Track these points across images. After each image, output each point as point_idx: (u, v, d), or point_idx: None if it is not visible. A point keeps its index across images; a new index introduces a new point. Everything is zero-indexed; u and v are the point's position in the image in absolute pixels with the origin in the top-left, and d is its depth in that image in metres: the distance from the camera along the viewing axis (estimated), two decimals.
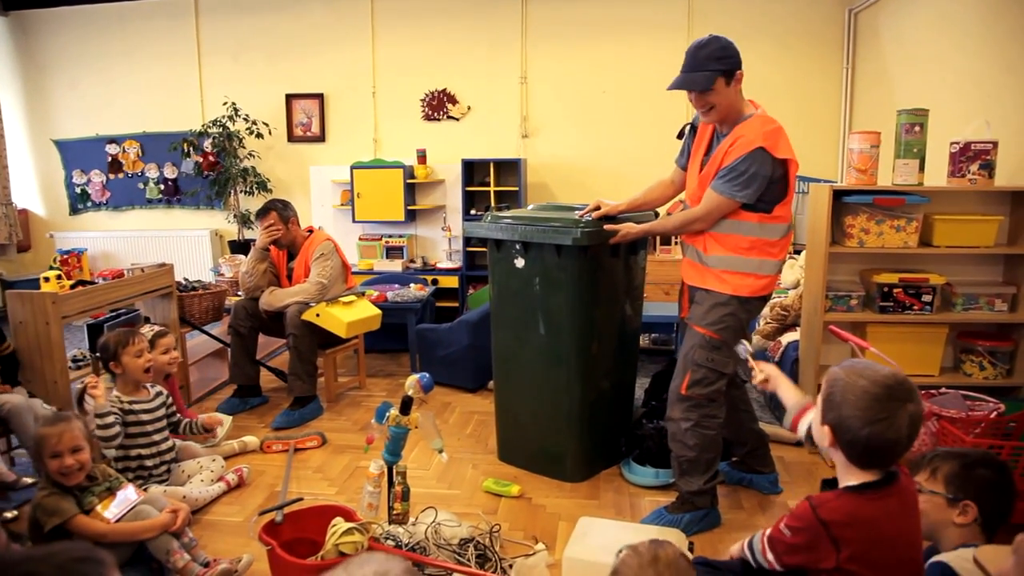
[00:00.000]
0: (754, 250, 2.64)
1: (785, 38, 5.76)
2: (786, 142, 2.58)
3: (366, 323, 4.16)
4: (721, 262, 2.68)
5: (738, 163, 2.54)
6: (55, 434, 2.30)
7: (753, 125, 2.58)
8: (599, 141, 6.17)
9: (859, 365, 1.57)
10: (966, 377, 3.38)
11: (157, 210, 7.01)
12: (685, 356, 2.74)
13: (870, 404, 1.49)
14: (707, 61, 2.56)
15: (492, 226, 3.22)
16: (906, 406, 1.49)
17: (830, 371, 1.61)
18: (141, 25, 6.67)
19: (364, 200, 6.14)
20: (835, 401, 1.54)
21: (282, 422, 3.89)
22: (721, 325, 2.66)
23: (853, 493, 1.54)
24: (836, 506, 1.52)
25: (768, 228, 2.63)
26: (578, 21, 6.04)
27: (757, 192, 2.55)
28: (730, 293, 2.66)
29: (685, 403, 2.72)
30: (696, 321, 2.72)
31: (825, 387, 1.60)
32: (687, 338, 2.78)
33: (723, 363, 2.68)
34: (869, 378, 1.51)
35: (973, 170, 3.16)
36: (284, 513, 2.36)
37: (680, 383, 2.72)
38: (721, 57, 2.56)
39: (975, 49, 3.84)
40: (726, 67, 2.55)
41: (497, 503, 3.04)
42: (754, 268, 2.65)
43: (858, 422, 1.49)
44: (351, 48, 6.39)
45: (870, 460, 1.53)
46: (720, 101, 2.59)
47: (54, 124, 7.00)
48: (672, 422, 2.77)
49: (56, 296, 3.30)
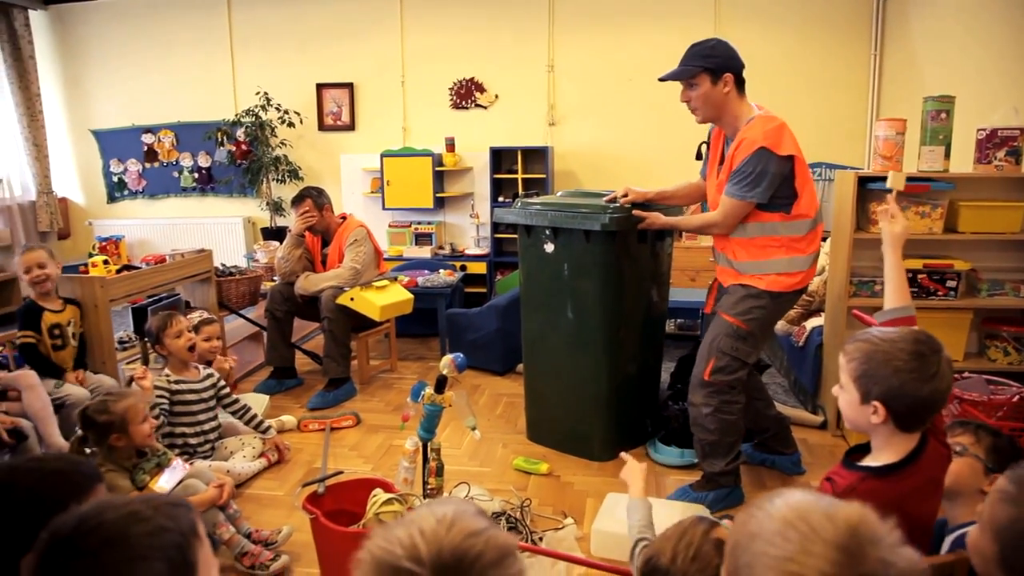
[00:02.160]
0: (782, 249, 2.71)
1: (813, 25, 5.76)
2: (790, 138, 2.64)
3: (399, 307, 4.27)
4: (753, 267, 2.76)
5: (743, 165, 2.62)
6: (137, 403, 2.46)
7: (755, 127, 2.65)
8: (625, 129, 6.22)
9: (875, 334, 1.56)
10: (991, 362, 3.41)
11: (191, 198, 7.17)
12: (710, 343, 2.81)
13: (920, 364, 1.46)
14: (695, 57, 2.70)
15: (522, 212, 3.31)
16: (942, 355, 1.49)
17: (853, 348, 1.56)
18: (175, 17, 6.82)
19: (394, 187, 6.25)
20: (879, 374, 1.49)
21: (318, 402, 4.02)
22: (750, 316, 2.73)
23: (878, 478, 1.52)
24: (861, 492, 1.48)
25: (791, 226, 2.69)
26: (604, 10, 6.08)
27: (768, 190, 2.62)
28: (763, 288, 2.73)
29: (707, 389, 2.79)
30: (726, 309, 2.79)
31: (855, 366, 1.54)
32: (713, 325, 2.85)
33: (747, 353, 2.75)
34: (903, 339, 1.50)
35: (1000, 156, 3.18)
36: (326, 485, 2.47)
37: (703, 369, 2.79)
38: (709, 56, 2.68)
39: (1002, 36, 3.84)
40: (712, 65, 2.66)
41: (527, 480, 3.14)
42: (784, 267, 2.72)
43: (914, 384, 1.46)
44: (380, 38, 6.49)
45: (921, 419, 1.51)
46: (699, 99, 2.71)
47: (92, 115, 7.18)
48: (693, 407, 2.85)
49: (104, 280, 3.45)
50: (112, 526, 0.88)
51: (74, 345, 3.37)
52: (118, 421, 2.43)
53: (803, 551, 0.74)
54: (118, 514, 0.89)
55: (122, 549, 0.87)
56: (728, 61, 2.68)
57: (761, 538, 0.78)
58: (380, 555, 0.79)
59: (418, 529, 0.80)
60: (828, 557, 0.73)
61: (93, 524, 0.88)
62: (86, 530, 0.88)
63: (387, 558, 0.78)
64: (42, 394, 3.00)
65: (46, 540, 0.88)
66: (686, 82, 2.73)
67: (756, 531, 0.79)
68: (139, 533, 0.88)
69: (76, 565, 0.86)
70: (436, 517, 0.82)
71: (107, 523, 0.88)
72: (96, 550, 0.87)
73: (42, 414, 2.94)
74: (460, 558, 0.78)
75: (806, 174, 2.69)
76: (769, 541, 0.77)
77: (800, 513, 0.78)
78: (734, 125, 2.74)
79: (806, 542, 0.75)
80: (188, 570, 0.91)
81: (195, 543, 0.93)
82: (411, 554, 0.78)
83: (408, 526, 0.81)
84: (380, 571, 0.78)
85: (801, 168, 2.66)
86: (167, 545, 0.89)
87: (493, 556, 0.80)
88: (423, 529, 0.80)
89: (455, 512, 0.83)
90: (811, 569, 0.73)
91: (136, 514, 0.89)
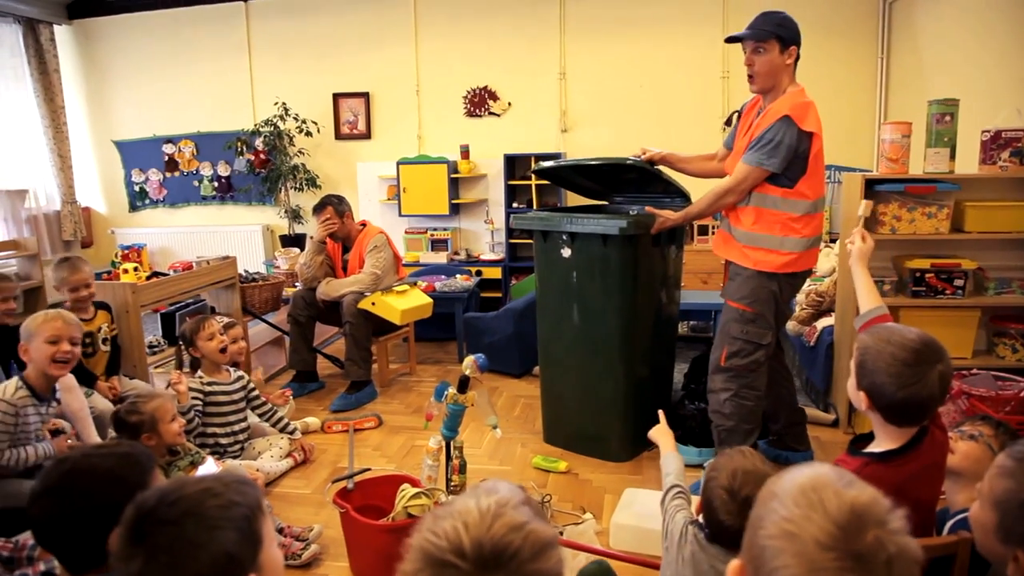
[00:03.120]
0: (776, 225, 2.77)
1: (821, 29, 5.84)
2: (815, 117, 2.71)
3: (419, 311, 4.38)
4: (745, 236, 2.83)
5: (766, 132, 2.69)
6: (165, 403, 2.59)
7: (785, 99, 2.73)
8: (637, 135, 6.30)
9: (885, 331, 1.66)
10: (999, 360, 3.48)
11: (211, 206, 7.32)
12: (722, 329, 2.91)
13: (901, 370, 1.56)
14: (768, 23, 2.75)
15: (539, 218, 3.41)
16: (935, 367, 1.57)
17: (860, 338, 1.70)
18: (195, 31, 6.98)
19: (410, 195, 6.37)
20: (868, 368, 1.62)
21: (340, 405, 4.13)
22: (752, 298, 2.81)
23: (880, 462, 1.62)
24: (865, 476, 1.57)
25: (791, 203, 2.75)
26: (615, 18, 6.18)
27: (784, 162, 2.67)
28: (752, 268, 2.81)
29: (724, 374, 2.88)
30: (730, 296, 2.89)
31: (857, 354, 1.68)
32: (723, 312, 2.94)
33: (759, 335, 2.83)
34: (897, 344, 1.60)
35: (1004, 157, 3.26)
36: (355, 482, 2.58)
37: (719, 355, 2.89)
38: (781, 24, 2.75)
39: (1006, 40, 3.92)
40: (784, 34, 2.73)
41: (546, 478, 3.24)
42: (776, 244, 2.78)
43: (891, 387, 1.57)
44: (395, 48, 6.62)
45: (906, 419, 1.61)
46: (764, 64, 2.75)
47: (114, 126, 7.36)
48: (712, 393, 2.94)
49: (136, 286, 3.58)
50: (190, 499, 1.01)
51: (104, 351, 3.47)
52: (148, 420, 2.55)
53: (805, 517, 0.82)
54: (195, 489, 1.02)
55: (199, 519, 0.99)
56: (797, 36, 2.76)
57: (778, 497, 0.86)
58: (427, 547, 0.85)
59: (463, 523, 0.85)
60: (824, 528, 0.81)
61: (174, 498, 1.00)
62: (168, 503, 1.00)
63: (433, 551, 0.84)
64: (80, 395, 3.11)
65: (133, 512, 1.00)
66: (755, 45, 2.75)
67: (777, 491, 0.88)
68: (214, 506, 1.00)
69: (160, 532, 0.98)
70: (480, 510, 0.87)
71: (186, 497, 1.00)
72: (177, 519, 0.99)
73: (80, 414, 3.06)
74: (501, 552, 0.83)
75: (820, 156, 2.75)
76: (782, 502, 0.85)
77: (816, 485, 0.86)
78: (776, 96, 2.79)
79: (810, 511, 0.83)
80: (255, 539, 1.03)
81: (260, 516, 1.05)
82: (455, 548, 0.83)
83: (455, 518, 0.86)
84: (426, 562, 0.84)
85: (817, 148, 2.72)
86: (237, 517, 1.01)
87: (533, 550, 0.85)
88: (467, 523, 0.85)
89: (499, 504, 0.88)
90: (807, 534, 0.81)
91: (210, 490, 1.02)
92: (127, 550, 0.98)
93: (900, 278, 3.55)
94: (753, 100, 2.96)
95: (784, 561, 0.81)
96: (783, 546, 0.82)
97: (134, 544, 0.98)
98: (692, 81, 5.96)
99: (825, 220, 5.82)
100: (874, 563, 0.79)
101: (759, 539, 0.85)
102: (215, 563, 0.97)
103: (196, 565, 0.97)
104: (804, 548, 0.80)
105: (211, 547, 0.98)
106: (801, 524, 0.82)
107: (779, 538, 0.82)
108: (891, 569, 0.79)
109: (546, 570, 0.86)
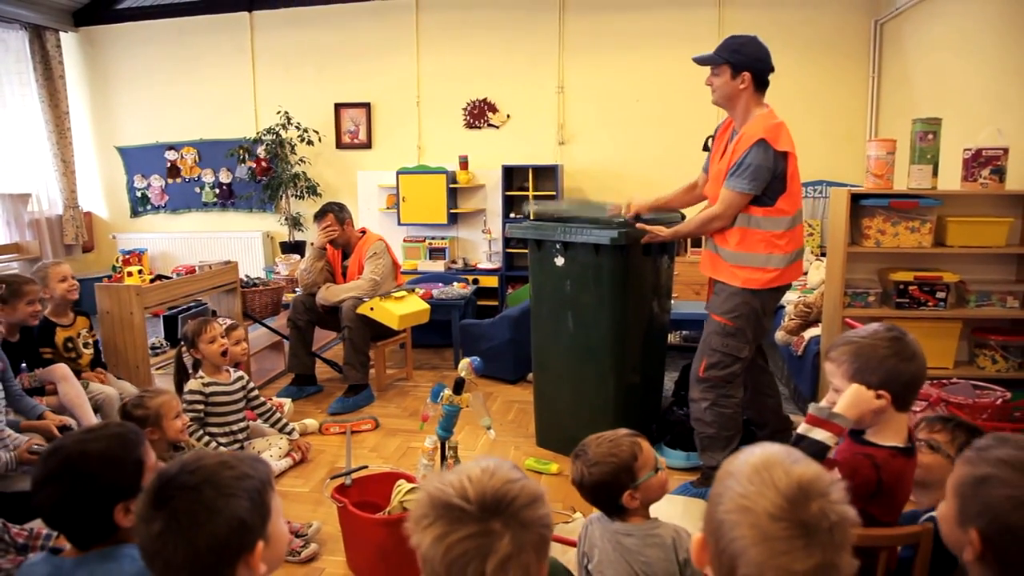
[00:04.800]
0: (761, 244, 2.88)
1: (813, 48, 5.98)
2: (787, 137, 2.83)
3: (416, 316, 4.47)
4: (733, 257, 2.94)
5: (745, 158, 2.80)
6: (171, 400, 2.67)
7: (757, 122, 2.84)
8: (633, 148, 6.44)
9: (853, 335, 1.77)
10: (980, 370, 3.58)
11: (212, 213, 7.42)
12: (703, 342, 3.03)
13: (901, 347, 1.69)
14: (724, 49, 2.90)
15: (534, 227, 3.51)
16: (910, 337, 1.71)
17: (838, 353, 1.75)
18: (199, 39, 7.10)
19: (409, 204, 6.48)
20: (873, 365, 1.68)
21: (338, 407, 4.21)
22: (735, 313, 2.93)
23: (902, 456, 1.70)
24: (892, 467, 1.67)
25: (772, 220, 2.86)
26: (613, 33, 6.32)
27: (763, 184, 2.80)
28: (740, 286, 2.92)
29: (703, 384, 3.00)
30: (714, 309, 3.01)
31: (849, 365, 1.72)
32: (706, 325, 3.06)
33: (737, 348, 2.94)
34: (877, 333, 1.72)
35: (984, 175, 3.37)
36: (352, 478, 2.66)
37: (698, 366, 3.01)
38: (736, 51, 2.88)
39: (990, 60, 4.04)
40: (735, 60, 2.86)
41: (538, 480, 3.31)
42: (762, 262, 2.89)
43: (904, 364, 1.67)
44: (397, 60, 6.74)
45: (913, 394, 1.73)
46: (719, 86, 2.91)
47: (118, 132, 7.46)
48: (693, 402, 3.06)
49: (140, 288, 3.66)
50: (208, 469, 1.12)
51: (88, 353, 3.56)
52: (153, 416, 2.64)
53: (758, 493, 0.93)
54: (213, 461, 1.13)
55: (216, 486, 1.10)
56: (753, 62, 2.86)
57: (734, 476, 0.98)
58: (435, 493, 1.00)
59: (467, 476, 1.01)
60: (775, 502, 0.92)
61: (194, 467, 1.11)
62: (189, 471, 1.11)
63: (441, 496, 0.99)
64: (75, 384, 3.21)
65: (156, 479, 1.11)
66: (711, 68, 2.93)
67: (732, 470, 0.99)
68: (229, 476, 1.11)
69: (181, 496, 1.09)
70: (481, 467, 1.03)
71: (204, 467, 1.11)
72: (196, 486, 1.09)
73: (78, 401, 3.16)
74: (500, 499, 0.98)
75: (796, 172, 2.87)
76: (738, 480, 0.96)
77: (767, 464, 0.97)
78: (744, 119, 2.92)
79: (762, 487, 0.94)
80: (265, 509, 1.14)
81: (270, 490, 1.16)
82: (461, 494, 0.98)
83: (459, 473, 1.02)
84: (434, 506, 0.98)
85: (793, 166, 2.84)
86: (250, 488, 1.11)
87: (527, 499, 1.01)
88: (471, 476, 1.01)
89: (496, 464, 1.04)
90: (760, 508, 0.92)
91: (226, 462, 1.13)
92: (149, 512, 1.08)
93: (884, 290, 3.65)
94: (725, 123, 3.08)
95: (741, 532, 0.92)
96: (739, 519, 0.93)
97: (156, 507, 1.08)
98: (688, 96, 6.06)
99: (817, 234, 5.94)
100: (818, 529, 0.90)
101: (718, 514, 0.96)
102: (229, 527, 1.07)
103: (212, 527, 1.06)
104: (757, 520, 0.91)
105: (226, 512, 1.08)
106: (754, 499, 0.93)
107: (735, 512, 0.93)
108: (833, 534, 0.91)
109: (539, 517, 1.01)
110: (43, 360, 3.35)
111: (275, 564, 1.16)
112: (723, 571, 0.95)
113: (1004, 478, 1.13)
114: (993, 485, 1.14)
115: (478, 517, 0.97)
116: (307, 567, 2.63)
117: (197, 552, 1.06)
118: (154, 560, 1.08)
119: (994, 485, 1.14)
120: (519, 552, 0.97)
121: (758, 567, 0.90)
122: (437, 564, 0.97)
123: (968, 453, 1.28)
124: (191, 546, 1.06)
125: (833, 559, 0.90)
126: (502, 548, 0.96)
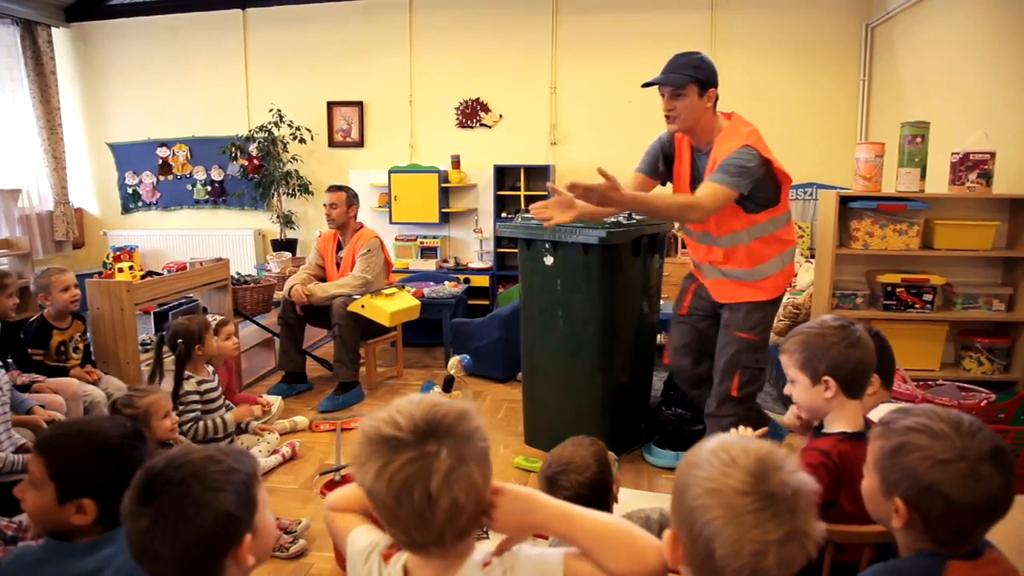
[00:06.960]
0: (774, 245, 2.86)
1: (805, 52, 6.01)
2: (763, 141, 2.73)
3: (407, 313, 4.48)
4: (750, 275, 2.88)
5: (733, 156, 2.63)
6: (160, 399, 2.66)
7: (734, 129, 2.74)
8: (624, 148, 6.40)
9: (804, 327, 1.82)
10: (966, 372, 3.62)
11: (204, 210, 7.40)
12: (729, 360, 2.92)
13: (847, 334, 1.73)
14: (685, 67, 2.73)
15: (524, 226, 3.52)
16: (857, 326, 1.76)
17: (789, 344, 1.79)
18: (192, 36, 7.08)
19: (401, 203, 6.48)
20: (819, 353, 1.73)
21: (328, 405, 4.22)
22: (760, 327, 2.92)
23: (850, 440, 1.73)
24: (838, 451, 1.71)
25: (776, 220, 2.85)
26: (605, 34, 6.34)
27: (749, 185, 2.64)
28: (768, 298, 2.90)
29: (734, 402, 2.94)
30: (736, 327, 2.92)
31: (799, 354, 1.76)
32: (727, 344, 2.95)
33: (764, 359, 2.96)
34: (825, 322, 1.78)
35: (972, 178, 3.40)
36: (342, 475, 2.67)
37: (730, 386, 2.91)
38: (699, 67, 2.73)
39: (979, 65, 4.08)
40: (702, 77, 2.70)
41: (527, 477, 3.34)
42: (778, 266, 2.90)
43: (849, 351, 1.72)
44: (390, 59, 6.75)
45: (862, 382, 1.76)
46: (685, 108, 2.72)
47: (109, 128, 7.43)
48: (716, 419, 2.97)
49: (131, 285, 3.66)
50: (195, 463, 1.12)
51: (76, 358, 3.55)
52: (142, 415, 2.63)
53: (722, 473, 0.97)
54: (199, 456, 1.13)
55: (203, 481, 1.10)
56: (714, 76, 2.74)
57: (696, 465, 1.01)
58: (369, 431, 1.03)
59: (395, 409, 1.05)
60: (740, 478, 0.96)
61: (180, 462, 1.11)
62: (175, 466, 1.12)
63: (376, 432, 1.02)
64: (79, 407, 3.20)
65: (142, 475, 1.10)
66: (672, 91, 2.74)
67: (694, 461, 1.02)
68: (216, 470, 1.12)
69: (167, 491, 1.09)
70: (407, 399, 1.07)
71: (191, 461, 1.12)
72: (183, 480, 1.10)
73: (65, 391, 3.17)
74: (430, 420, 1.02)
75: (781, 170, 2.77)
76: (700, 467, 1.00)
77: (724, 447, 1.01)
78: (708, 137, 2.79)
79: (725, 467, 0.97)
80: (251, 502, 1.15)
81: (256, 484, 1.17)
82: (393, 425, 1.01)
83: (388, 410, 1.05)
84: (371, 443, 1.02)
85: (777, 164, 2.75)
86: (236, 482, 1.12)
87: (455, 416, 1.04)
88: (399, 408, 1.05)
89: (421, 395, 1.08)
90: (727, 487, 0.96)
91: (213, 457, 1.13)
92: (136, 509, 1.08)
93: (872, 292, 3.68)
94: (678, 139, 2.99)
95: (713, 514, 0.95)
96: (708, 502, 0.96)
97: (143, 503, 1.08)
98: None
99: (807, 236, 5.97)
100: (782, 498, 0.95)
101: (687, 502, 0.99)
102: (216, 521, 1.08)
103: (199, 521, 1.07)
104: (727, 499, 0.95)
105: (213, 506, 1.08)
106: (720, 480, 0.97)
107: (704, 496, 0.97)
108: (797, 501, 0.95)
109: (471, 429, 1.05)
110: (31, 359, 3.34)
111: (263, 556, 1.18)
112: (699, 559, 0.97)
113: (916, 443, 1.21)
114: (907, 451, 1.21)
115: (413, 442, 1.00)
116: (296, 563, 2.64)
117: (185, 546, 1.07)
118: (142, 555, 1.09)
119: (908, 451, 1.21)
120: (459, 464, 1.00)
121: (735, 544, 0.93)
122: (385, 496, 1.00)
123: (878, 429, 1.34)
124: (179, 540, 1.07)
125: (802, 526, 0.94)
126: (442, 465, 0.99)
